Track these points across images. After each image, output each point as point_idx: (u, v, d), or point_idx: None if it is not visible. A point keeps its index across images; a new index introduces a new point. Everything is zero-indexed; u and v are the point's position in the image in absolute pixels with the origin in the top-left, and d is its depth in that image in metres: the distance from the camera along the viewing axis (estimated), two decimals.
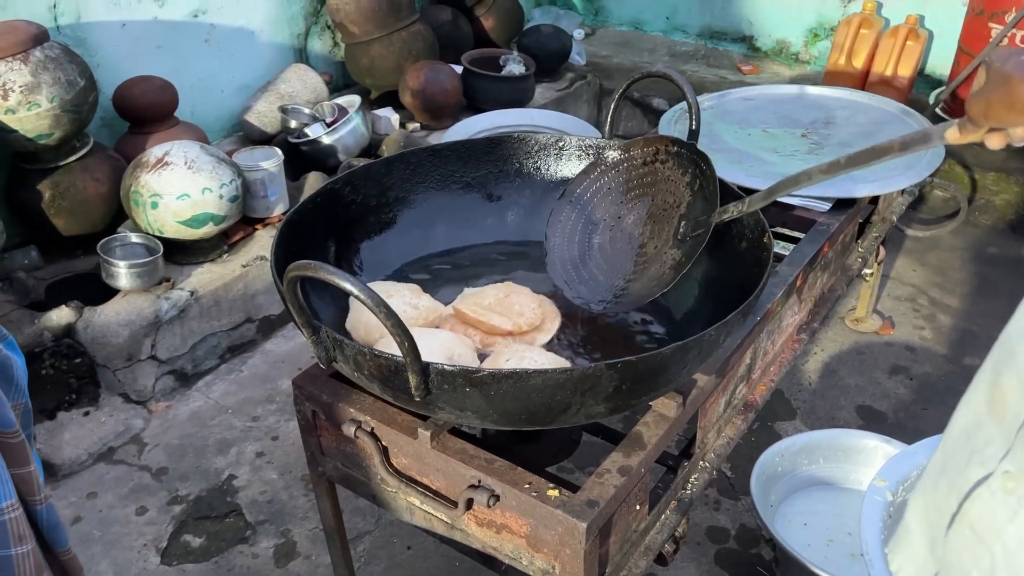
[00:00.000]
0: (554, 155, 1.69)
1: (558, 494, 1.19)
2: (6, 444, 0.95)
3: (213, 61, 3.01)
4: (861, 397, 2.38)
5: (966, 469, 0.74)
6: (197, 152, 2.37)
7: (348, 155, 2.92)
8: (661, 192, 1.47)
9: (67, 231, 2.45)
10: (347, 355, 1.13)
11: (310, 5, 3.32)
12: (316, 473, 1.54)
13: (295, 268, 1.03)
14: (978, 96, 0.92)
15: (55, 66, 2.26)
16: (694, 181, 1.42)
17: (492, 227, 1.65)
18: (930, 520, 0.80)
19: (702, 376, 1.39)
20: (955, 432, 0.81)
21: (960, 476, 0.75)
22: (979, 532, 0.73)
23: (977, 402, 0.78)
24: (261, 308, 2.60)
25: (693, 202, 1.41)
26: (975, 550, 0.73)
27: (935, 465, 0.84)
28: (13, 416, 0.95)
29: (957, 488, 0.75)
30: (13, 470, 0.96)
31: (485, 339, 1.40)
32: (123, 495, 2.08)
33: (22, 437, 0.96)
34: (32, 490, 0.99)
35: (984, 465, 0.73)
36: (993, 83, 0.90)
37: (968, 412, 0.80)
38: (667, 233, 1.43)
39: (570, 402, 1.09)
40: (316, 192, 1.49)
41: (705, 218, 1.36)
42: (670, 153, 1.47)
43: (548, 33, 3.72)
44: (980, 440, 0.74)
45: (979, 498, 0.73)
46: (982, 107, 0.91)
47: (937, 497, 0.81)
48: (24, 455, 0.97)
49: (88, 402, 2.28)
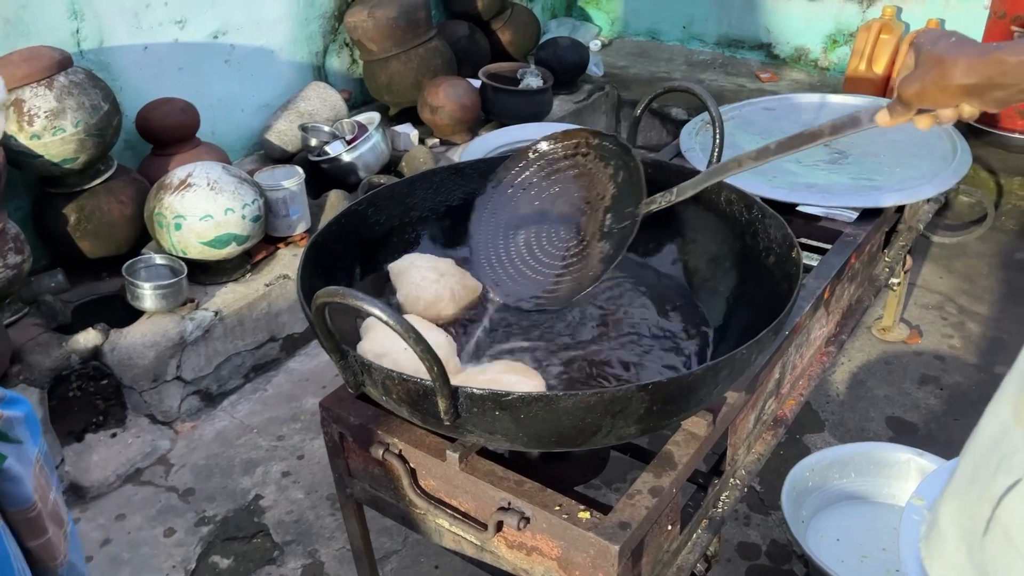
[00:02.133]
0: None
1: (589, 516, 1.17)
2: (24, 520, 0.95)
3: (233, 81, 3.03)
4: (891, 408, 2.35)
5: (996, 476, 0.75)
6: (219, 173, 2.39)
7: (368, 172, 2.93)
8: (585, 186, 1.46)
9: (92, 254, 2.47)
10: (375, 379, 1.13)
11: (328, 24, 3.34)
12: (344, 495, 1.53)
13: (323, 294, 1.03)
14: (910, 79, 0.93)
15: (79, 91, 2.28)
16: (617, 173, 1.41)
17: None
18: (964, 527, 0.80)
19: (732, 393, 1.37)
20: (983, 439, 0.82)
21: (991, 483, 0.75)
22: (1011, 538, 0.73)
23: (1004, 411, 0.78)
24: (284, 327, 2.61)
25: (619, 194, 1.40)
26: (1008, 554, 0.74)
27: (964, 472, 0.84)
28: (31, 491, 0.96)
29: (989, 495, 0.76)
30: (31, 542, 0.96)
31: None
32: (151, 516, 2.09)
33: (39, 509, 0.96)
34: (52, 555, 0.99)
35: (1011, 472, 0.73)
36: (925, 66, 0.91)
37: (995, 420, 0.80)
38: (594, 227, 1.42)
39: (600, 424, 1.08)
40: (340, 214, 1.49)
41: (632, 210, 1.35)
42: (591, 145, 1.46)
43: (565, 45, 3.72)
44: (1008, 447, 0.75)
45: (1009, 504, 0.73)
46: (915, 89, 0.92)
47: (969, 504, 0.81)
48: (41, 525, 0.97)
49: (115, 424, 2.29)
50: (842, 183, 1.98)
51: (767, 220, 1.40)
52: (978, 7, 3.53)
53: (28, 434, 0.97)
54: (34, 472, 0.98)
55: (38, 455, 0.99)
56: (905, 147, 2.13)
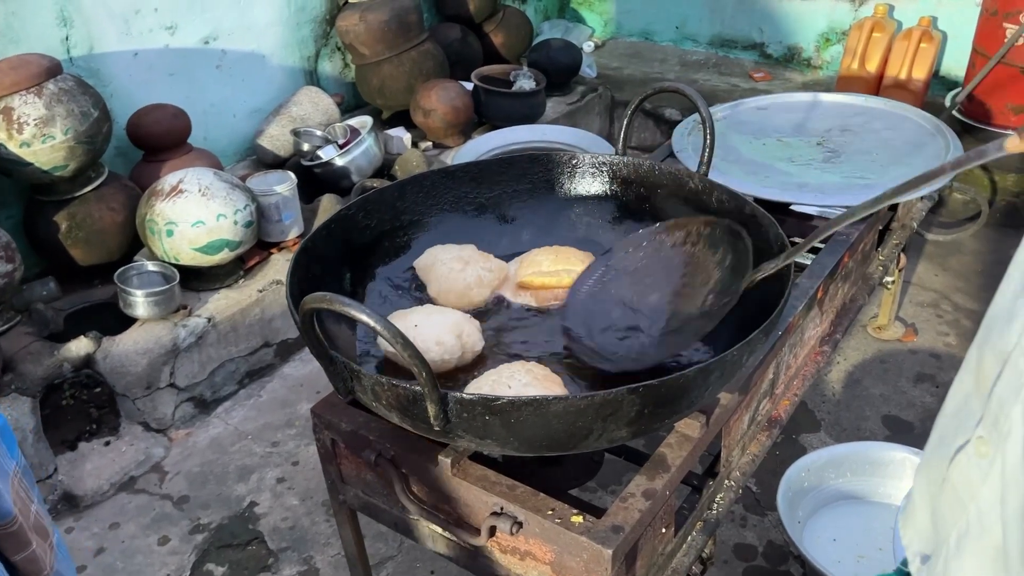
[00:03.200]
0: (568, 173, 1.68)
1: (582, 520, 1.17)
2: (5, 535, 0.94)
3: (225, 87, 3.02)
4: (887, 407, 2.34)
5: (954, 439, 0.78)
6: (211, 179, 2.38)
7: (361, 176, 2.92)
8: (690, 274, 1.41)
9: (84, 261, 2.46)
10: (365, 385, 1.12)
11: (319, 28, 3.33)
12: (337, 501, 1.53)
13: (311, 301, 1.02)
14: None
15: (69, 98, 2.27)
16: (724, 258, 1.37)
17: (508, 246, 1.63)
18: (930, 492, 0.83)
19: (725, 394, 1.37)
20: (948, 408, 0.84)
21: (950, 446, 0.79)
22: (959, 494, 0.76)
23: (966, 380, 0.81)
24: (278, 332, 2.60)
25: (723, 277, 1.36)
26: (955, 511, 0.77)
27: (931, 441, 0.87)
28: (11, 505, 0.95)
29: (946, 457, 0.79)
30: (15, 556, 0.95)
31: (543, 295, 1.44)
32: (145, 525, 2.08)
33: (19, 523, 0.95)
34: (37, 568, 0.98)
35: (964, 433, 0.76)
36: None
37: (959, 389, 0.82)
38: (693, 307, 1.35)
39: (592, 427, 1.07)
40: (330, 219, 1.48)
41: (735, 286, 1.31)
42: (701, 235, 1.43)
43: (558, 47, 3.72)
44: (966, 413, 0.78)
45: (959, 462, 0.77)
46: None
47: (931, 469, 0.84)
48: (24, 539, 0.96)
49: (109, 432, 2.28)
50: (835, 182, 1.97)
51: (759, 220, 1.40)
52: (969, 4, 3.53)
53: (4, 447, 0.97)
54: (12, 485, 0.97)
55: (16, 468, 0.98)
56: (898, 145, 2.13)
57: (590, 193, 1.67)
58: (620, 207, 1.64)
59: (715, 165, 1.57)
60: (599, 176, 1.67)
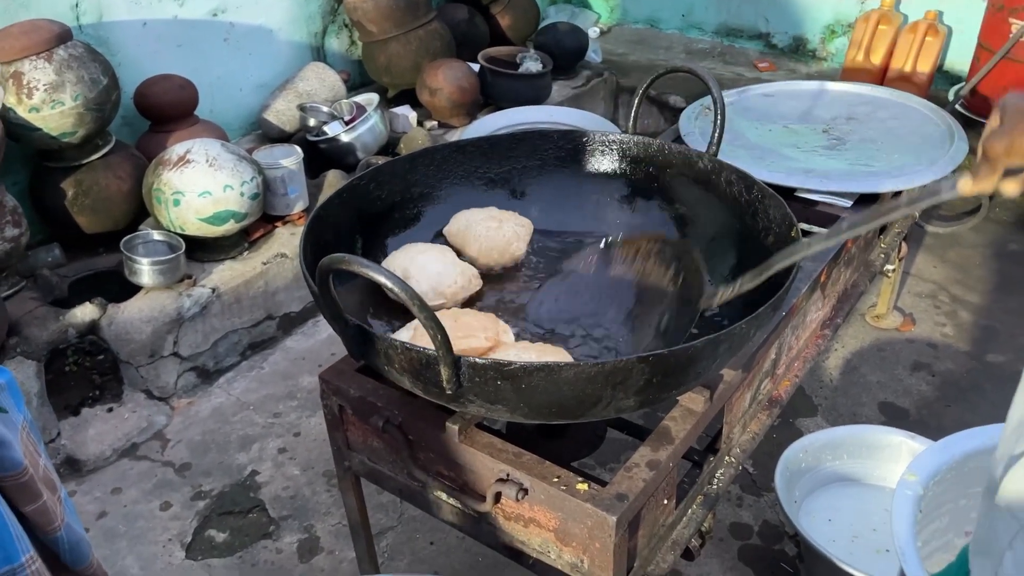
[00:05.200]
0: (578, 150, 1.69)
1: (587, 488, 1.19)
2: (16, 485, 0.96)
3: (232, 60, 3.02)
4: (883, 394, 2.37)
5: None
6: (218, 150, 2.39)
7: (367, 153, 2.93)
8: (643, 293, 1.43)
9: (90, 229, 2.47)
10: (378, 349, 1.13)
11: (328, 4, 3.33)
12: (342, 468, 1.54)
13: (329, 261, 1.04)
14: (997, 135, 0.90)
15: (78, 65, 2.27)
16: (677, 276, 1.41)
17: None
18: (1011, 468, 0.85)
19: (729, 371, 1.39)
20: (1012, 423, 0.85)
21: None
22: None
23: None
24: (282, 305, 2.61)
25: (676, 295, 1.38)
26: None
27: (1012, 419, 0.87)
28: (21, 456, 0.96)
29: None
30: (26, 507, 0.96)
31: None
32: (147, 490, 2.10)
33: (30, 473, 0.97)
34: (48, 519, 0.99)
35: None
36: (1014, 119, 0.89)
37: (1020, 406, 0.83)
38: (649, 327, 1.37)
39: (600, 395, 1.09)
40: (342, 188, 1.49)
41: (689, 307, 1.34)
42: (651, 252, 1.47)
43: (565, 31, 3.72)
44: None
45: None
46: (1004, 145, 0.89)
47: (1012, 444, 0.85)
48: (34, 490, 0.98)
49: (111, 398, 2.29)
50: (840, 168, 1.99)
51: (767, 201, 1.41)
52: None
53: (12, 401, 0.98)
54: (21, 437, 0.99)
55: (23, 422, 1.00)
56: (903, 134, 2.14)
57: (600, 171, 1.69)
58: (629, 185, 1.65)
59: (722, 149, 1.59)
60: (609, 154, 1.68)
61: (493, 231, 1.50)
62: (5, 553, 0.92)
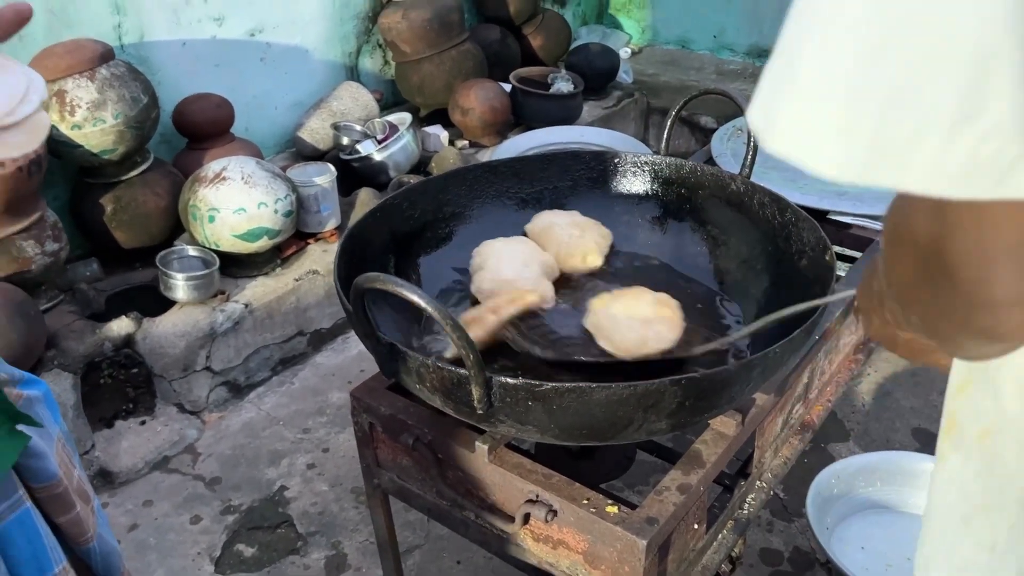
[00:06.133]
0: (609, 171, 1.70)
1: (617, 510, 1.18)
2: (50, 496, 0.97)
3: (268, 79, 3.07)
4: (917, 420, 2.33)
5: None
6: (253, 167, 2.42)
7: (398, 172, 2.96)
8: None
9: (127, 244, 2.51)
10: (410, 367, 1.14)
11: (362, 24, 3.38)
12: (371, 485, 1.55)
13: (363, 280, 1.05)
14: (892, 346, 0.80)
15: (120, 83, 2.33)
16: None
17: None
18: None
19: (761, 395, 1.37)
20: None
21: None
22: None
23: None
24: (312, 321, 2.64)
25: None
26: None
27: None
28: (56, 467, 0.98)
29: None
30: (60, 518, 0.98)
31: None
32: (178, 504, 2.12)
33: (64, 485, 0.98)
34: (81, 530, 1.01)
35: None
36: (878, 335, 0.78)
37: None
38: None
39: (632, 417, 1.08)
40: (375, 207, 1.51)
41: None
42: None
43: (597, 52, 3.74)
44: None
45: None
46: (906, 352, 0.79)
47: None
48: (68, 500, 0.99)
49: (144, 411, 2.32)
50: (873, 190, 1.97)
51: (800, 223, 1.41)
52: None
53: (47, 413, 1.00)
54: (56, 448, 1.01)
55: (59, 433, 1.02)
56: None
57: (631, 192, 1.69)
58: (661, 206, 1.65)
59: (754, 171, 1.58)
60: (640, 176, 1.69)
61: (573, 239, 1.50)
62: (39, 564, 0.94)
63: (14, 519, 0.95)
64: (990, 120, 0.35)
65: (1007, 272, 0.43)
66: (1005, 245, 0.42)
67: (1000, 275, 0.43)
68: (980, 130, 0.36)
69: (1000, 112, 0.35)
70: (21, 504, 0.98)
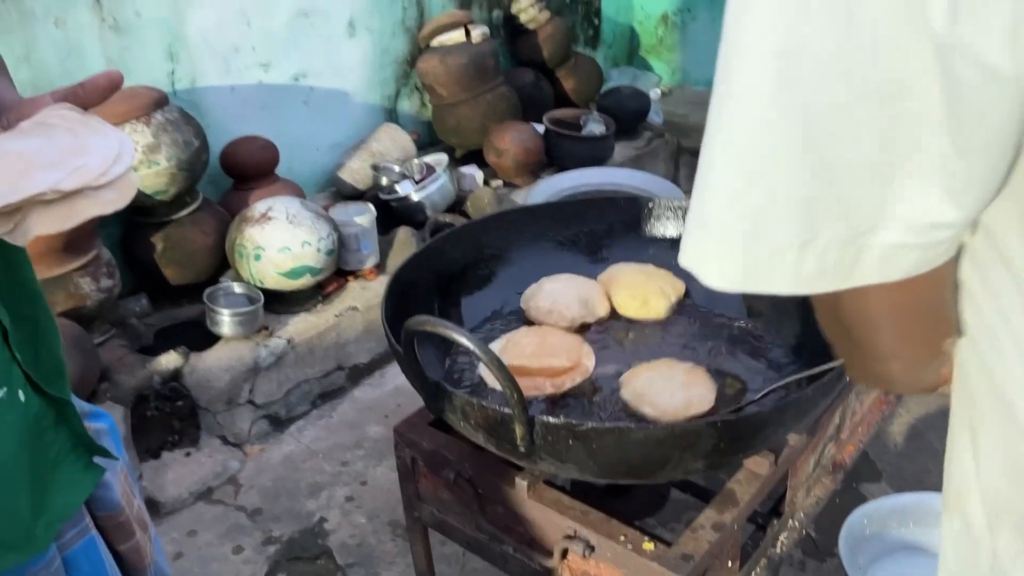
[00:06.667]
0: (644, 216, 1.76)
1: (653, 547, 1.22)
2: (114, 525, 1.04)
3: (310, 121, 3.18)
4: None
5: None
6: (298, 208, 2.51)
7: (435, 211, 3.04)
8: None
9: (175, 280, 2.61)
10: (455, 405, 1.20)
11: (400, 69, 3.49)
12: (412, 518, 1.60)
13: (414, 323, 1.11)
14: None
15: (173, 128, 2.44)
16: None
17: None
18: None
19: (793, 436, 1.41)
20: None
21: None
22: None
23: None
24: (351, 356, 2.71)
25: None
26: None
27: None
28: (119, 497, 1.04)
29: None
30: (121, 546, 1.04)
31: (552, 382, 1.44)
32: (221, 534, 2.18)
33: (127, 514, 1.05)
34: (140, 557, 1.07)
35: None
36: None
37: None
38: None
39: (669, 457, 1.13)
40: (419, 251, 1.58)
41: None
42: None
43: (628, 94, 3.82)
44: None
45: None
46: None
47: None
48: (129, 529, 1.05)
49: (189, 443, 2.40)
50: None
51: None
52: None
53: (112, 445, 1.07)
54: (120, 479, 1.07)
55: (122, 464, 1.08)
56: None
57: (665, 236, 1.74)
58: None
59: None
60: (674, 219, 1.74)
61: (637, 286, 1.55)
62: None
63: (80, 547, 1.01)
64: (824, 239, 0.49)
65: (884, 333, 0.57)
66: (879, 312, 0.56)
67: (880, 335, 0.57)
68: (820, 247, 0.49)
69: (830, 233, 0.49)
70: (87, 532, 1.05)
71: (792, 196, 0.49)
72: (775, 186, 0.49)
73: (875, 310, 0.55)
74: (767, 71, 0.47)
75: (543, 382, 1.39)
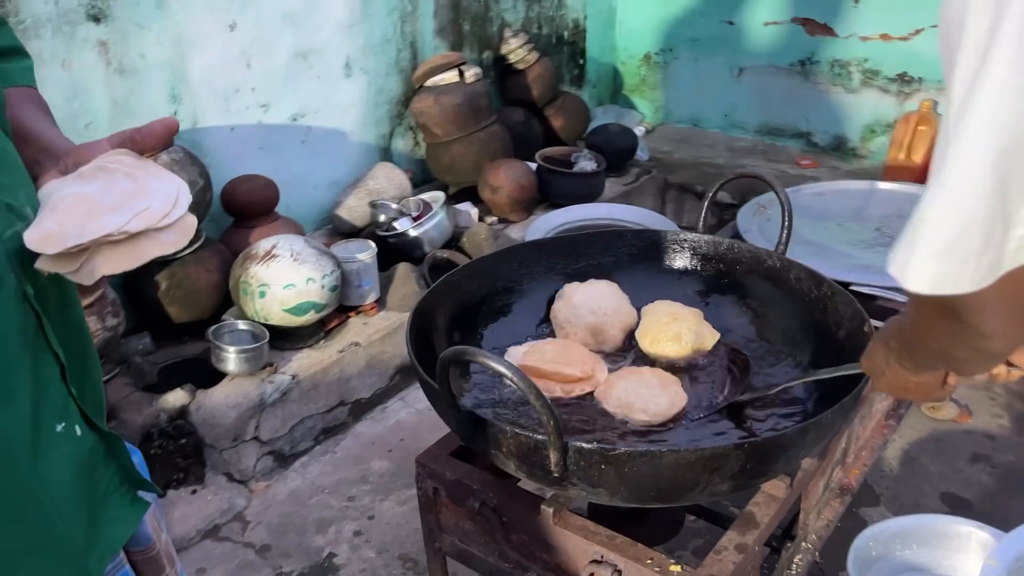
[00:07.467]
0: (650, 248, 1.82)
1: (680, 570, 1.26)
2: (145, 559, 1.06)
3: (308, 160, 3.23)
4: (944, 484, 2.40)
5: None
6: (302, 245, 2.55)
7: (432, 247, 3.09)
8: None
9: (178, 318, 2.62)
10: (488, 433, 1.23)
11: (395, 108, 3.56)
12: (432, 549, 1.62)
13: (452, 354, 1.15)
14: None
15: (179, 168, 2.48)
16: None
17: None
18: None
19: (806, 460, 1.46)
20: None
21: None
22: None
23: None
24: (353, 392, 2.73)
25: None
26: None
27: None
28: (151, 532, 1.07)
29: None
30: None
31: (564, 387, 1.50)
32: (230, 571, 2.18)
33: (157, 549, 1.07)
34: None
35: None
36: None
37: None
38: None
39: (698, 479, 1.17)
40: (437, 284, 1.62)
41: None
42: None
43: (616, 132, 3.92)
44: None
45: None
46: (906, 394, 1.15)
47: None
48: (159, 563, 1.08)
49: (195, 480, 2.40)
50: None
51: (837, 297, 1.51)
52: None
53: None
54: (150, 513, 1.10)
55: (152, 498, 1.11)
56: None
57: (672, 267, 1.80)
58: (702, 281, 1.76)
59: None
60: (680, 252, 1.81)
61: (662, 325, 1.55)
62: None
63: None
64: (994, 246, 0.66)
65: (994, 315, 0.73)
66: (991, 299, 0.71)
67: (989, 316, 0.74)
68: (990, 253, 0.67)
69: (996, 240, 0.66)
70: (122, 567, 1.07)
71: (981, 225, 0.65)
72: (971, 219, 0.65)
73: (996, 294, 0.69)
74: (988, 154, 0.63)
75: (554, 386, 1.47)
